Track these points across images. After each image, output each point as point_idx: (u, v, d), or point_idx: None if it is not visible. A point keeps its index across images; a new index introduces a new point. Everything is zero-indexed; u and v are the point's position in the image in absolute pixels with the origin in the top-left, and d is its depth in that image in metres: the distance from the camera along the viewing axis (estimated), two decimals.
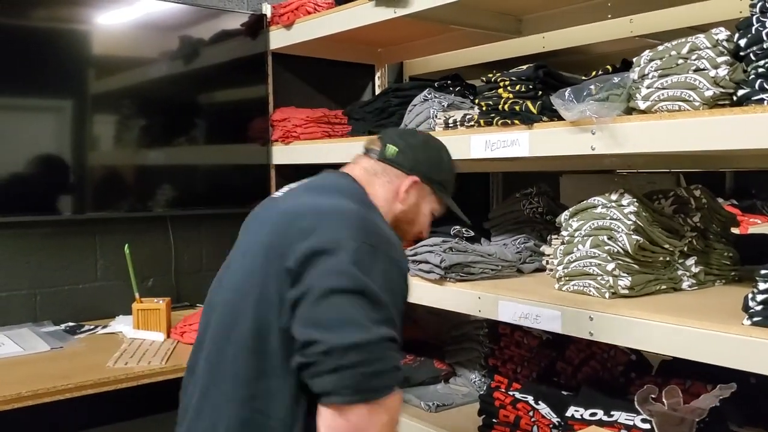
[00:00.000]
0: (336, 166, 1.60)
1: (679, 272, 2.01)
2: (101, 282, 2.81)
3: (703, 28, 1.71)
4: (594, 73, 1.98)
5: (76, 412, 2.50)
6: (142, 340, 2.49)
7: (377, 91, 3.44)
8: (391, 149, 1.64)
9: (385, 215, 1.57)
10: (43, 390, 1.99)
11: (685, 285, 2.00)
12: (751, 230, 4.02)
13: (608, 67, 2.02)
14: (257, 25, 3.07)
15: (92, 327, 2.66)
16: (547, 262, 2.33)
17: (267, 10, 3.08)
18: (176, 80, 2.90)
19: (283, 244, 1.35)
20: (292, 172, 3.10)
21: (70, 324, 2.69)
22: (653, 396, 1.83)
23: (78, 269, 2.76)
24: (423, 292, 2.26)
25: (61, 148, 2.64)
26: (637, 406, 1.83)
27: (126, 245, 2.51)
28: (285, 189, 1.60)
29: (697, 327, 1.57)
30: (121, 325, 2.65)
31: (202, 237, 3.06)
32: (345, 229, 1.35)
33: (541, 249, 2.37)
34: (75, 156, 2.67)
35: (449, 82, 2.64)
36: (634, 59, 1.80)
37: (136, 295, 2.54)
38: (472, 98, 2.54)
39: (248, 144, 3.08)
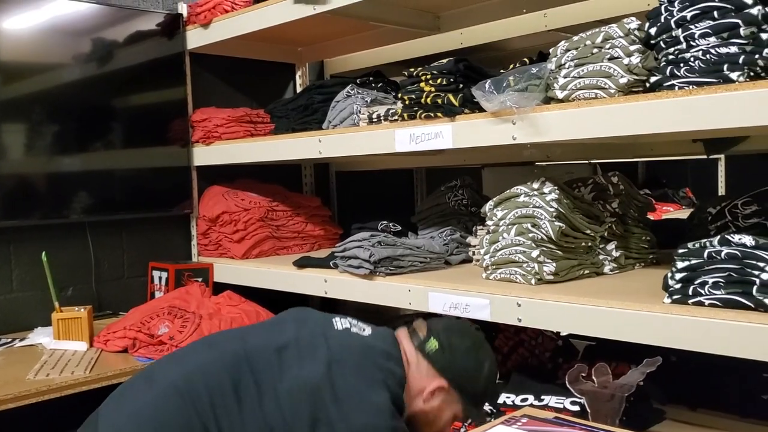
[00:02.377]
0: (260, 166, 1.54)
1: (601, 257, 2.07)
2: (17, 293, 2.69)
3: (615, 21, 1.77)
4: (512, 66, 2.03)
5: None
6: (63, 350, 2.39)
7: (299, 90, 3.42)
8: (432, 344, 1.65)
9: (407, 406, 1.58)
10: None
11: (606, 269, 2.07)
12: (664, 217, 4.19)
13: (525, 59, 2.07)
14: (173, 25, 3.00)
15: (9, 340, 2.55)
16: (474, 253, 2.36)
17: (183, 9, 3.01)
18: (90, 84, 2.80)
19: None
20: (215, 174, 3.07)
21: None
22: (583, 375, 1.88)
23: None
24: (353, 287, 2.26)
25: None
26: (568, 386, 1.88)
27: (43, 253, 2.41)
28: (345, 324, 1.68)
29: (622, 308, 1.63)
30: (40, 336, 2.54)
31: (124, 243, 2.97)
32: None
33: (467, 240, 2.41)
34: None
35: (371, 78, 2.65)
36: (551, 50, 1.85)
37: (56, 304, 2.44)
38: (394, 94, 2.56)
39: (168, 146, 3.00)
